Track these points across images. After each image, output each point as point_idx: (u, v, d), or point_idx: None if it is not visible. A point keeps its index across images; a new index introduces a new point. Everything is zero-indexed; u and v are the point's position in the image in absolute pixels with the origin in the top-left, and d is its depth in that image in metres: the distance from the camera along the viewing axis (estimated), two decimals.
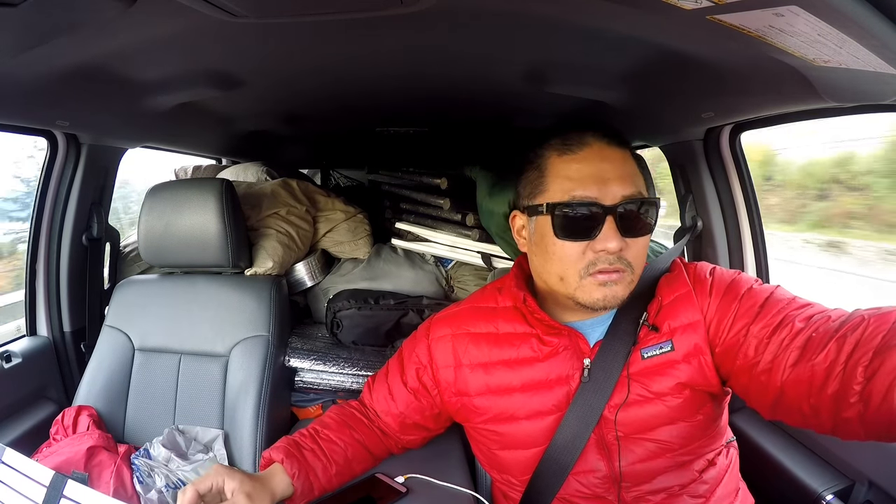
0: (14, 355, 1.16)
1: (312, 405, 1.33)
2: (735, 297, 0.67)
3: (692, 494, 0.70)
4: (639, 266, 0.68)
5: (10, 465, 0.59)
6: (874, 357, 0.49)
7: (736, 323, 0.65)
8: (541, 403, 0.72)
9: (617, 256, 0.65)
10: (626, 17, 0.62)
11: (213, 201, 1.14)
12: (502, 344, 0.75)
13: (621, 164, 0.67)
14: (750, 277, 0.70)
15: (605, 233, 0.64)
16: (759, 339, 0.61)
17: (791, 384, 0.57)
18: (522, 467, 0.74)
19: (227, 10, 0.59)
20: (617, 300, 0.66)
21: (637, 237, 0.66)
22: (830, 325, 0.56)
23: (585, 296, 0.66)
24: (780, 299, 0.63)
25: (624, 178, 0.65)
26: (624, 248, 0.65)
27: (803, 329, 0.58)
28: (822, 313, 0.59)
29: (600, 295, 0.65)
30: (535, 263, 0.73)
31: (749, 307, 0.65)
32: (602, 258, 0.64)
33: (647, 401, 0.68)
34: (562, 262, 0.67)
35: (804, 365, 0.55)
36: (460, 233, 1.49)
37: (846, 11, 0.44)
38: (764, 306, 0.63)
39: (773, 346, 0.59)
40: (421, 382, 0.81)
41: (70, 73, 0.80)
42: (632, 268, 0.66)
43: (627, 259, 0.66)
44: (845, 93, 0.68)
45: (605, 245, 0.64)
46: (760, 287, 0.67)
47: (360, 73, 0.96)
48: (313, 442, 0.79)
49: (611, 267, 0.64)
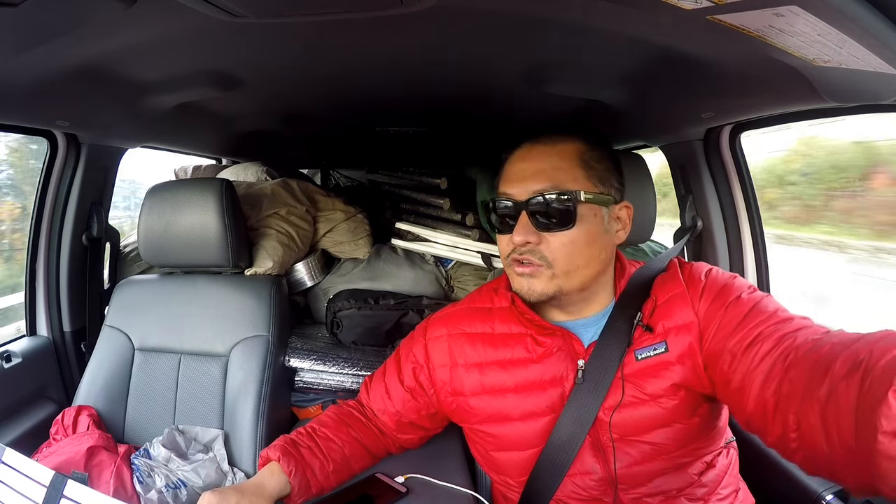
0: (14, 355, 1.16)
1: (312, 405, 1.33)
2: (722, 304, 0.66)
3: (690, 497, 0.69)
4: (561, 263, 0.67)
5: (10, 465, 0.59)
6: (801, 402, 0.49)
7: (718, 333, 0.64)
8: (535, 405, 0.72)
9: (530, 250, 0.67)
10: (626, 17, 0.62)
11: (213, 201, 1.14)
12: (497, 344, 0.75)
13: (542, 160, 0.69)
14: (743, 284, 0.68)
15: (517, 227, 0.67)
16: (734, 355, 0.61)
17: (754, 411, 0.56)
18: (519, 469, 0.74)
19: (227, 10, 0.60)
20: (534, 293, 0.68)
21: (554, 231, 0.66)
22: (791, 350, 0.55)
23: (514, 284, 0.71)
24: (761, 312, 0.62)
25: (539, 174, 0.68)
26: (537, 241, 0.67)
27: (771, 351, 0.57)
28: (793, 333, 0.57)
29: (519, 285, 0.70)
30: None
31: (731, 318, 0.64)
32: (517, 249, 0.68)
33: (641, 402, 0.68)
34: (502, 254, 0.73)
35: (763, 395, 0.55)
36: (460, 233, 1.49)
37: (846, 11, 0.44)
38: (743, 320, 0.62)
39: (743, 367, 0.59)
40: (418, 381, 0.81)
41: (70, 73, 0.80)
42: (548, 263, 0.67)
43: (544, 254, 0.67)
44: (845, 93, 0.68)
45: (514, 238, 0.68)
46: (749, 296, 0.65)
47: (360, 72, 0.96)
48: (311, 440, 0.79)
49: (521, 257, 0.68)
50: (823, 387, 0.46)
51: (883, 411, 0.39)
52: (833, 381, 0.46)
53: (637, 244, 1.34)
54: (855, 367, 0.44)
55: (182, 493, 0.94)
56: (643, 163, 1.03)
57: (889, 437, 0.38)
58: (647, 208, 1.01)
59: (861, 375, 0.43)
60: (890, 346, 0.43)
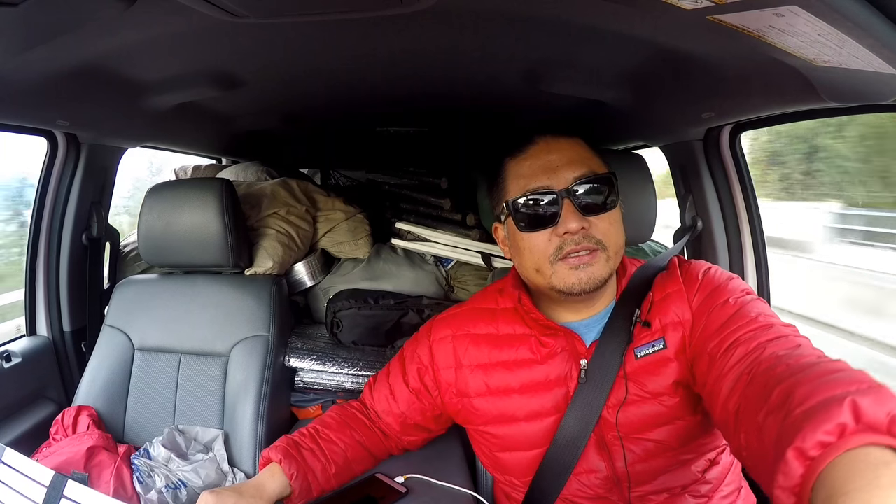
0: (14, 355, 1.16)
1: (312, 405, 1.33)
2: (711, 305, 0.66)
3: (694, 494, 0.70)
4: (613, 244, 0.67)
5: (10, 465, 0.59)
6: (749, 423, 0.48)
7: (703, 333, 0.64)
8: (540, 405, 0.72)
9: (583, 236, 0.65)
10: (626, 17, 0.62)
11: (213, 201, 1.13)
12: (502, 345, 0.75)
13: (568, 150, 0.69)
14: (737, 286, 0.67)
15: (564, 215, 0.65)
16: (711, 358, 0.60)
17: (720, 418, 0.56)
18: (524, 469, 0.74)
19: (228, 9, 0.59)
20: (595, 280, 0.66)
21: (600, 214, 0.67)
22: (756, 364, 0.54)
23: (561, 282, 0.66)
24: (743, 317, 0.61)
25: (573, 162, 0.67)
26: (588, 227, 0.65)
27: (741, 361, 0.56)
28: (765, 343, 0.56)
29: (575, 279, 0.66)
30: (517, 265, 0.74)
31: (715, 320, 0.64)
32: (568, 241, 0.65)
33: (643, 401, 0.68)
34: (532, 254, 0.68)
35: (726, 406, 0.54)
36: (461, 233, 1.49)
37: (846, 11, 0.44)
38: (726, 322, 0.62)
39: (716, 371, 0.58)
40: (422, 383, 0.81)
41: (70, 72, 0.80)
42: (604, 245, 0.66)
43: (597, 237, 0.66)
44: (845, 93, 0.68)
45: (567, 227, 0.65)
46: (738, 300, 0.65)
47: (360, 72, 0.96)
48: (313, 442, 0.79)
49: (579, 247, 0.65)
50: (761, 413, 0.46)
51: (780, 468, 0.38)
52: (768, 411, 0.45)
53: (637, 244, 1.34)
54: (783, 403, 0.43)
55: (182, 493, 0.94)
56: (643, 163, 1.03)
57: (784, 493, 0.38)
58: (648, 208, 1.01)
59: (783, 416, 0.42)
60: (815, 389, 0.42)
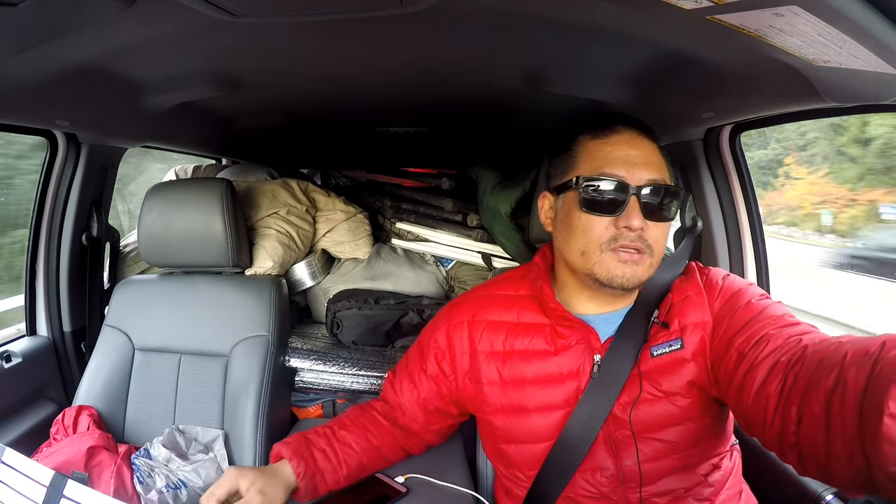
0: (14, 355, 1.16)
1: (312, 405, 1.33)
2: (733, 306, 0.67)
3: (697, 497, 0.70)
4: (658, 252, 0.68)
5: (10, 465, 0.59)
6: (805, 394, 0.49)
7: (726, 333, 0.65)
8: (551, 397, 0.72)
9: (638, 236, 0.66)
10: (626, 17, 0.62)
11: (213, 201, 1.13)
12: (517, 334, 0.76)
13: (649, 152, 0.69)
14: (756, 291, 0.69)
15: (630, 210, 0.65)
16: (740, 352, 0.61)
17: (754, 406, 0.57)
18: (530, 462, 0.74)
19: (227, 9, 0.59)
20: (635, 280, 0.67)
21: (658, 222, 0.67)
22: (797, 349, 0.55)
23: (603, 271, 0.67)
24: (769, 315, 0.63)
25: (650, 164, 0.68)
26: (645, 229, 0.66)
27: (776, 350, 0.57)
28: (799, 336, 0.57)
29: (619, 272, 0.66)
30: (558, 241, 0.74)
31: (739, 319, 0.65)
32: (625, 234, 0.66)
33: (657, 400, 0.68)
34: (585, 236, 0.68)
35: (765, 390, 0.55)
36: (461, 233, 1.49)
37: (846, 11, 0.44)
38: (751, 321, 0.63)
39: (747, 363, 0.59)
40: (440, 368, 0.81)
41: (70, 72, 0.80)
42: (651, 251, 0.67)
43: (648, 241, 0.67)
44: (845, 93, 0.68)
45: (629, 222, 0.65)
46: (759, 302, 0.66)
47: (361, 72, 0.96)
48: (327, 443, 0.79)
49: (632, 244, 0.66)
50: (831, 377, 0.47)
51: (892, 394, 0.39)
52: (842, 370, 0.46)
53: None
54: (866, 357, 0.45)
55: (182, 493, 0.94)
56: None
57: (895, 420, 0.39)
58: None
59: (872, 363, 0.44)
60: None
